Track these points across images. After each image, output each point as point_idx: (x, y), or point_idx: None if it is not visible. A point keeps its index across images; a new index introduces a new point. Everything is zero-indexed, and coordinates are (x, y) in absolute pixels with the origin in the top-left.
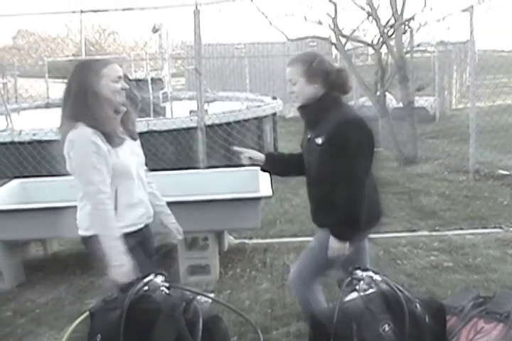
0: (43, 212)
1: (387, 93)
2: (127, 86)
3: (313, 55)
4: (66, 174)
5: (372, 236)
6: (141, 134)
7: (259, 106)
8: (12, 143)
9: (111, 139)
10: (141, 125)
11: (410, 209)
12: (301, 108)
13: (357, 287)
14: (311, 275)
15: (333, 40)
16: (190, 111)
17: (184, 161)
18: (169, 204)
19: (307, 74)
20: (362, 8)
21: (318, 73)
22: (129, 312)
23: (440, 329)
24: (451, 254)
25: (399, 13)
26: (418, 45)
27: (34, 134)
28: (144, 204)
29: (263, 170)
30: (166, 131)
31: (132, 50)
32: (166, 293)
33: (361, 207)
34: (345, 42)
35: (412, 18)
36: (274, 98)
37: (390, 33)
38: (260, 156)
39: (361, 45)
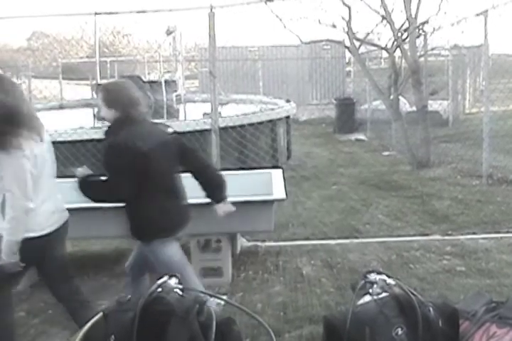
0: None
1: (400, 97)
2: None
3: (112, 84)
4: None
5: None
6: None
7: (273, 109)
8: None
9: None
10: None
11: (423, 213)
12: None
13: (370, 290)
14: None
15: (347, 43)
16: (204, 114)
17: None
18: None
19: (106, 100)
20: (376, 11)
21: (114, 100)
22: (142, 313)
23: (453, 334)
24: (463, 259)
25: (413, 16)
26: (432, 49)
27: (48, 135)
28: None
29: None
30: (179, 133)
31: (146, 52)
32: (179, 294)
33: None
34: (359, 46)
35: (426, 22)
36: (288, 101)
37: (404, 37)
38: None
39: (375, 48)
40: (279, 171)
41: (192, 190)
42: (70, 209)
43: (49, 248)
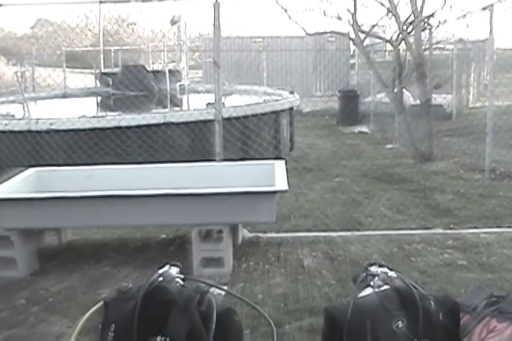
0: (58, 201)
1: (404, 90)
2: None
3: None
4: (82, 163)
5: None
6: (158, 126)
7: (276, 101)
8: (29, 131)
9: None
10: (159, 117)
11: (425, 206)
12: None
13: (371, 283)
14: None
15: (352, 35)
16: (208, 104)
17: (200, 154)
18: (185, 196)
19: None
20: (382, 4)
21: None
22: (143, 303)
23: (454, 327)
24: (465, 252)
25: (418, 10)
26: (437, 43)
27: (51, 123)
28: None
29: None
30: (183, 123)
31: (151, 42)
32: (180, 284)
33: None
34: (364, 38)
35: (432, 16)
36: (292, 92)
37: (409, 30)
38: None
39: (380, 41)
40: (282, 162)
41: (194, 180)
42: (76, 198)
43: None
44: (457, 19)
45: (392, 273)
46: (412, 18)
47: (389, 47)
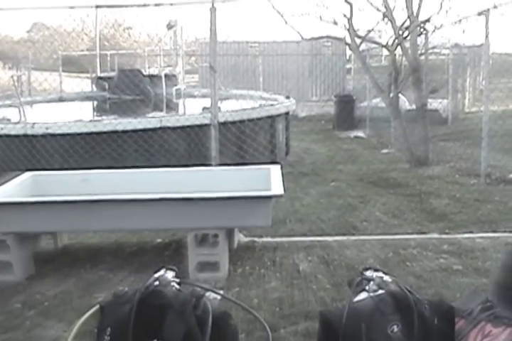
0: (54, 205)
1: (400, 95)
2: None
3: None
4: (79, 168)
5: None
6: (154, 130)
7: (272, 105)
8: (25, 135)
9: None
10: (155, 121)
11: (421, 211)
12: None
13: (367, 287)
14: None
15: (348, 40)
16: (204, 108)
17: (196, 158)
18: (181, 200)
19: None
20: (378, 9)
21: None
22: (139, 306)
23: (449, 332)
24: (460, 257)
25: (414, 15)
26: (433, 48)
27: (47, 127)
28: None
29: None
30: (179, 128)
31: (147, 46)
32: (176, 288)
33: None
34: (360, 43)
35: (428, 20)
36: (288, 97)
37: (405, 35)
38: None
39: (376, 46)
40: (278, 167)
41: (190, 185)
42: (72, 202)
43: None
44: (453, 24)
45: (387, 278)
46: (408, 23)
47: (385, 52)
